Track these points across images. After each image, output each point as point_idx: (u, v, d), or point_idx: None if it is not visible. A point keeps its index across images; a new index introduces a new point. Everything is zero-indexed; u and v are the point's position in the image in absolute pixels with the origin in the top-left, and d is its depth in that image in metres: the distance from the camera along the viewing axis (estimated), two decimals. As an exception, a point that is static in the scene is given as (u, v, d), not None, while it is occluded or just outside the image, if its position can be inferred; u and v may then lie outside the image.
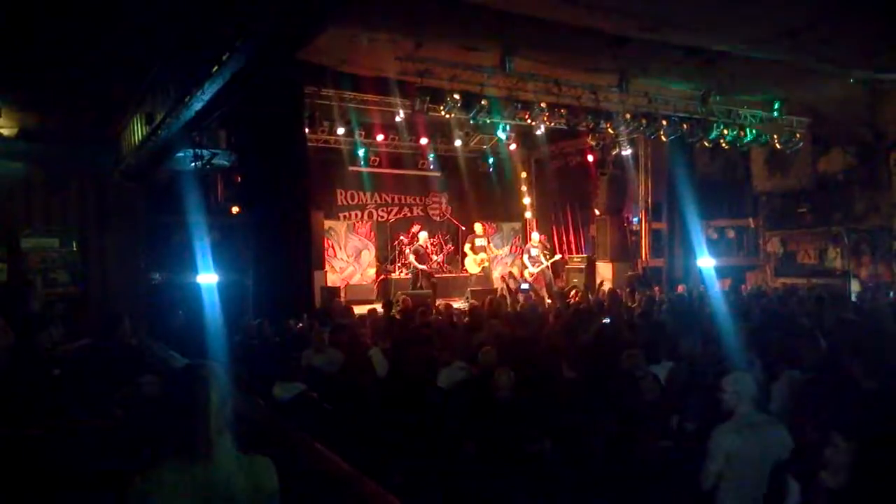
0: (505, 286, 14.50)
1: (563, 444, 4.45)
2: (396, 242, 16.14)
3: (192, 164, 11.50)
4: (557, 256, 16.18)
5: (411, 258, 15.04)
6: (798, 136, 13.89)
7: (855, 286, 13.27)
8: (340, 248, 16.16)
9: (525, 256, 15.98)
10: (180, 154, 11.55)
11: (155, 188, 13.16)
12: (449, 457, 4.43)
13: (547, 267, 15.40)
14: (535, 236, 16.14)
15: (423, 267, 14.87)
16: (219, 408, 2.26)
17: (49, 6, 7.45)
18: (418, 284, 14.57)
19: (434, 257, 15.13)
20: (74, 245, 13.35)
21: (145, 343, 6.88)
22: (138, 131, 10.99)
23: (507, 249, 18.52)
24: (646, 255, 16.01)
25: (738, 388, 3.85)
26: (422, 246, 15.26)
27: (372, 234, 16.53)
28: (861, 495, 2.97)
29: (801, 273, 14.73)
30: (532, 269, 15.38)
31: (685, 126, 12.63)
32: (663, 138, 12.92)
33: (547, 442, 4.41)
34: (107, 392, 4.52)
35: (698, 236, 13.96)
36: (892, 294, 11.40)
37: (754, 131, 13.37)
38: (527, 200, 18.88)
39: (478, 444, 4.50)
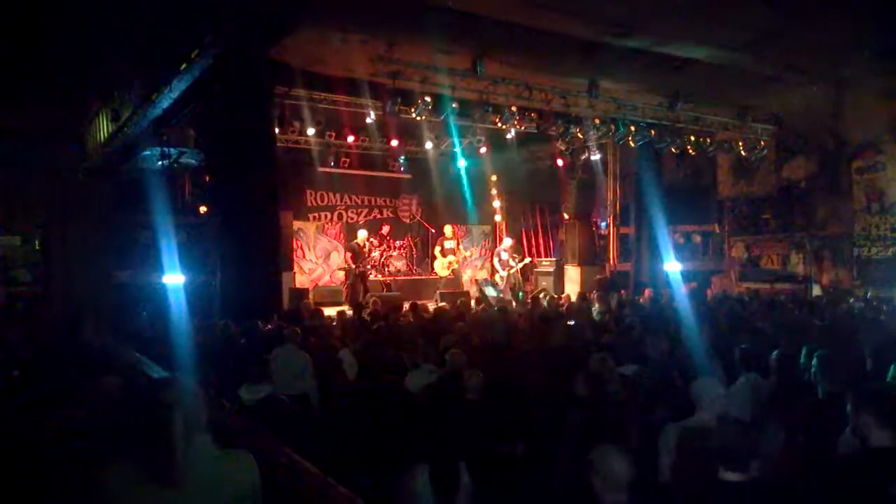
0: (478, 290, 14.54)
1: (532, 445, 4.47)
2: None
3: (160, 162, 11.35)
4: (527, 260, 16.28)
5: (347, 256, 14.61)
6: (763, 143, 14.18)
7: (816, 291, 13.56)
8: (309, 250, 16.07)
9: (495, 260, 16.06)
10: (147, 152, 11.39)
11: (121, 186, 12.96)
12: (417, 459, 4.43)
13: (517, 270, 15.50)
14: (508, 241, 16.21)
15: (354, 266, 14.20)
16: (186, 429, 2.23)
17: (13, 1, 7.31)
18: (356, 286, 14.18)
19: (373, 254, 14.70)
20: (37, 243, 13.10)
21: (108, 344, 6.76)
22: (104, 128, 10.83)
23: (476, 251, 18.56)
24: (613, 259, 16.17)
25: (699, 393, 3.94)
26: (358, 244, 14.50)
27: (341, 235, 16.45)
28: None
29: (765, 278, 14.99)
30: (502, 273, 15.45)
31: (653, 132, 12.81)
32: (632, 144, 13.09)
33: (520, 444, 4.42)
34: (69, 392, 4.44)
35: (665, 241, 14.15)
36: (851, 300, 11.65)
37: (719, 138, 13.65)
38: (496, 204, 18.96)
39: (447, 446, 4.50)
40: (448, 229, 16.36)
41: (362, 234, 14.75)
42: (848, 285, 13.67)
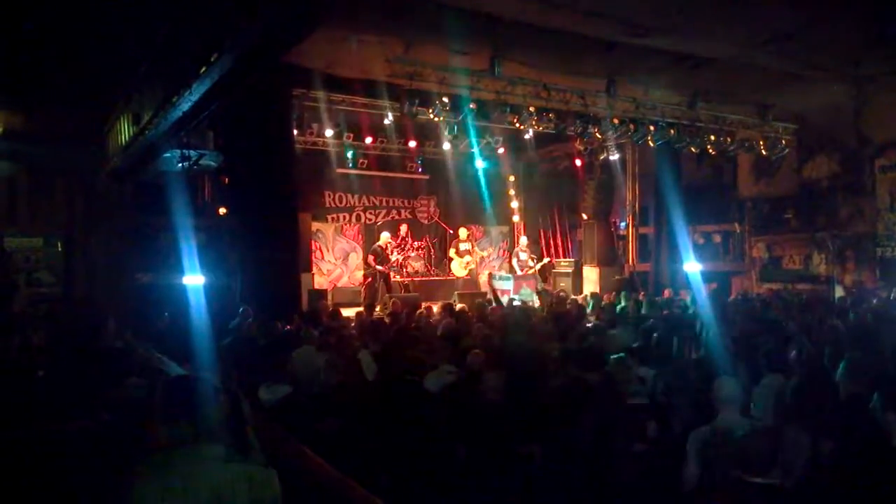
0: (491, 290, 14.50)
1: (549, 446, 4.45)
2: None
3: (180, 164, 11.44)
4: (545, 260, 16.24)
5: (370, 259, 14.64)
6: (784, 142, 14.02)
7: (839, 292, 13.37)
8: (328, 251, 16.12)
9: (514, 260, 16.03)
10: (167, 154, 11.48)
11: (141, 189, 13.08)
12: (438, 460, 4.43)
13: (536, 271, 15.47)
14: (524, 240, 16.19)
15: (381, 268, 14.34)
16: (219, 418, 2.28)
17: (36, 6, 7.41)
18: (375, 286, 14.28)
19: (394, 256, 14.75)
20: (59, 245, 13.26)
21: (130, 345, 6.82)
22: (125, 131, 10.94)
23: (495, 252, 18.53)
24: (633, 259, 16.07)
25: (721, 394, 3.90)
26: (381, 246, 14.59)
27: (360, 236, 16.49)
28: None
29: (786, 278, 14.83)
30: (520, 273, 15.42)
31: (672, 131, 12.72)
32: (651, 143, 13.00)
33: (536, 446, 4.41)
34: (92, 394, 4.48)
35: (685, 241, 14.05)
36: (875, 300, 11.48)
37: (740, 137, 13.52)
38: (514, 204, 18.91)
39: (467, 446, 4.49)
40: (462, 231, 16.33)
41: (385, 236, 14.83)
42: (871, 285, 13.47)
